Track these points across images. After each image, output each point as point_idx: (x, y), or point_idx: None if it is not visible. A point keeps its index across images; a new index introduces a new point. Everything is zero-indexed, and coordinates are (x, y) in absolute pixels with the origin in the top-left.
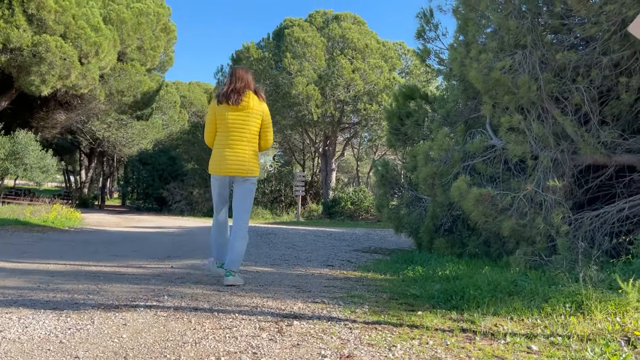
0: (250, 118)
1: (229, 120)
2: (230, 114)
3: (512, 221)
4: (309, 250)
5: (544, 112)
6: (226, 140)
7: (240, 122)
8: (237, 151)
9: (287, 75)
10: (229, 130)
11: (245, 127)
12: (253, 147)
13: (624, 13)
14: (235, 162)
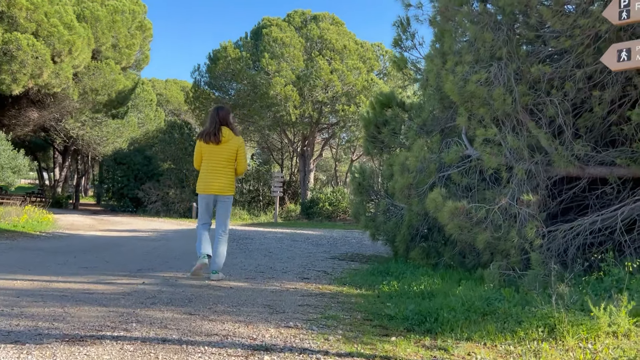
0: (226, 150)
1: (210, 152)
2: (211, 148)
3: (487, 234)
4: (284, 259)
5: (518, 124)
6: (209, 168)
7: (219, 153)
8: (218, 176)
9: (265, 75)
10: (211, 160)
11: (223, 158)
12: (230, 172)
13: (597, 27)
14: (216, 184)
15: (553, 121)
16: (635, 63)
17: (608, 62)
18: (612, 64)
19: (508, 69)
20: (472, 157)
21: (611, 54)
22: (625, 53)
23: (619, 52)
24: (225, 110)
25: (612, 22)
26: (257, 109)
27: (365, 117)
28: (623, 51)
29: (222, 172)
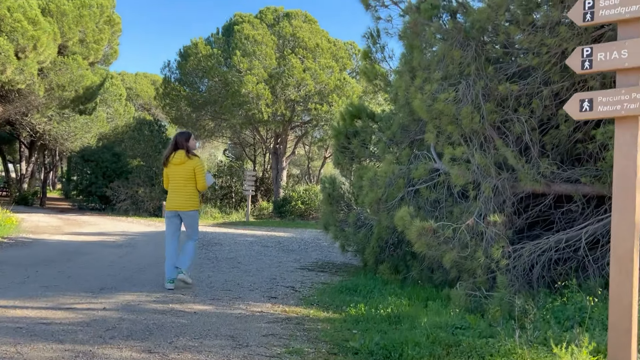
0: (184, 171)
1: (172, 174)
2: (172, 170)
3: (454, 253)
4: (253, 271)
5: (486, 141)
6: (172, 187)
7: (179, 174)
8: (179, 194)
9: (237, 73)
10: (173, 181)
11: (182, 178)
12: (190, 191)
13: (564, 46)
14: (178, 202)
15: (520, 138)
16: (597, 114)
17: (571, 111)
18: (575, 113)
19: (476, 86)
20: (441, 170)
21: (574, 104)
22: (587, 103)
23: (581, 102)
24: (184, 135)
25: (577, 23)
26: (229, 106)
27: (336, 127)
28: (585, 101)
29: (183, 191)
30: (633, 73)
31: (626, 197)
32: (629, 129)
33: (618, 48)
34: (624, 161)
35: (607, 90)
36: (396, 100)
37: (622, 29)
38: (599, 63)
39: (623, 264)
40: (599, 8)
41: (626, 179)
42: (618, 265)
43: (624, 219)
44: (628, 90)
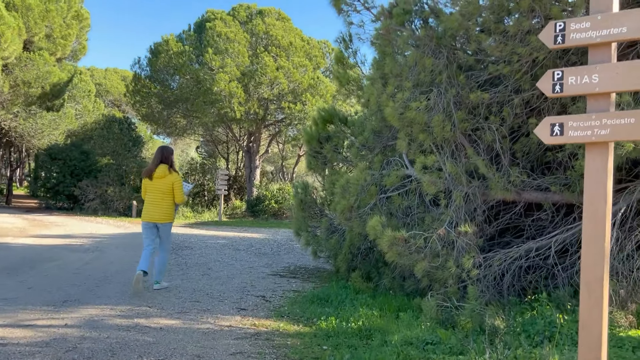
0: (163, 185)
1: (151, 186)
2: (152, 183)
3: (425, 263)
4: (224, 279)
5: (458, 150)
6: (150, 200)
7: (158, 188)
8: (157, 207)
9: (209, 71)
10: (151, 193)
11: (161, 191)
12: (168, 204)
13: (534, 55)
14: (156, 214)
15: (491, 147)
16: (568, 139)
17: (541, 135)
18: (546, 137)
19: (448, 95)
20: (413, 177)
21: (544, 128)
22: (558, 128)
23: (552, 127)
24: (169, 150)
25: (548, 45)
26: (201, 104)
27: (308, 132)
28: (556, 125)
29: (160, 204)
30: (603, 98)
31: (597, 224)
32: (599, 155)
33: (589, 72)
34: (595, 187)
35: (578, 115)
36: (368, 106)
37: (592, 53)
38: (569, 87)
39: (593, 291)
40: (570, 31)
41: (597, 206)
42: (588, 292)
43: (594, 245)
44: (599, 116)
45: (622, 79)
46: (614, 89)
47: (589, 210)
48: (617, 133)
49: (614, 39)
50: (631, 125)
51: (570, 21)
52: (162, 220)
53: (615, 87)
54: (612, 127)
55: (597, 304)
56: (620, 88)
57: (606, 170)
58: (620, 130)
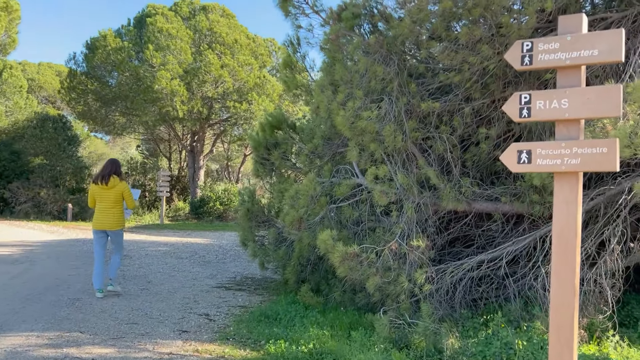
0: (114, 193)
1: (102, 195)
2: (102, 191)
3: (378, 278)
4: (164, 294)
5: (409, 160)
6: (101, 208)
7: (108, 196)
8: (108, 215)
9: (150, 68)
10: (102, 202)
11: (112, 199)
12: (118, 211)
13: (485, 64)
14: (107, 222)
15: (442, 156)
16: (536, 167)
17: (508, 162)
18: (513, 165)
19: (399, 103)
20: (364, 186)
21: (511, 155)
22: (525, 155)
23: (519, 154)
24: (118, 162)
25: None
26: (141, 103)
27: (255, 138)
28: (523, 153)
29: (112, 212)
30: (574, 125)
31: (567, 259)
32: (569, 185)
33: (558, 97)
34: (564, 220)
35: (547, 143)
36: (318, 113)
37: (562, 76)
38: (537, 112)
39: (562, 333)
40: (537, 52)
41: (567, 239)
42: (557, 335)
43: (564, 283)
44: (569, 144)
45: (593, 104)
46: (585, 115)
47: (559, 245)
48: (588, 163)
49: (584, 62)
50: (603, 155)
51: (539, 41)
52: (114, 227)
53: (586, 114)
54: (582, 157)
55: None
56: (591, 114)
57: (576, 201)
58: (592, 161)
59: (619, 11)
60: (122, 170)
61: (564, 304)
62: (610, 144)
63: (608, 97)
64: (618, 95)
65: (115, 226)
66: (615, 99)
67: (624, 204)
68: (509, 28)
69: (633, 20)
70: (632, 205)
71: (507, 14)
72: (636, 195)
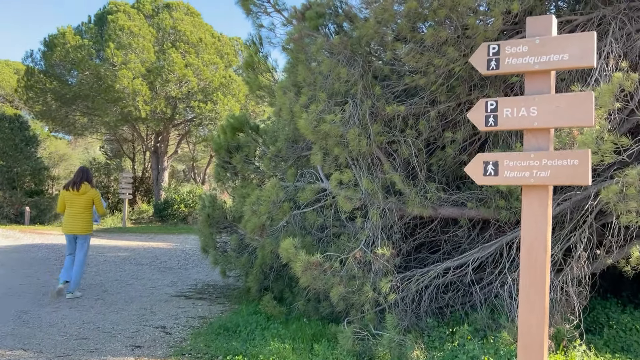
0: (84, 200)
1: (72, 201)
2: (73, 197)
3: (341, 287)
4: (120, 304)
5: (374, 164)
6: (71, 213)
7: (79, 202)
8: (77, 221)
9: (111, 67)
10: (72, 207)
11: (82, 205)
12: (87, 217)
13: (450, 66)
14: (76, 227)
15: (407, 161)
16: (504, 180)
17: (473, 174)
18: (478, 177)
19: (364, 106)
20: (329, 191)
21: (476, 166)
22: (492, 167)
23: (485, 165)
24: (89, 170)
25: (481, 71)
26: (102, 103)
27: (217, 141)
28: (490, 164)
29: (81, 217)
30: (543, 135)
31: (536, 275)
32: (538, 199)
33: (526, 104)
34: (534, 234)
35: (515, 153)
36: (280, 115)
37: (530, 82)
38: (505, 120)
39: (531, 354)
40: (505, 55)
41: (536, 255)
42: (525, 354)
43: (534, 302)
44: (538, 155)
45: (564, 113)
46: (555, 124)
47: (528, 259)
48: (558, 176)
49: (554, 67)
50: (574, 168)
51: (505, 44)
52: (83, 232)
53: (556, 122)
54: (553, 169)
55: None
56: (562, 123)
57: (546, 215)
58: (562, 173)
59: (584, 14)
60: (93, 177)
61: (533, 324)
62: (582, 156)
63: (580, 105)
64: (590, 103)
65: (84, 231)
66: (588, 106)
67: (590, 210)
68: (475, 30)
69: (598, 23)
70: (598, 210)
71: (473, 15)
72: (602, 200)
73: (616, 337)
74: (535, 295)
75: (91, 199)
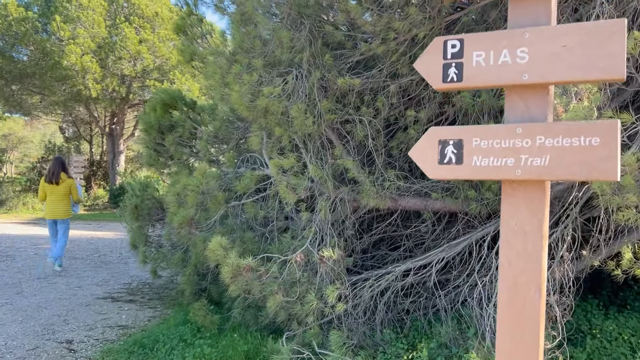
0: (62, 188)
1: (52, 189)
2: (52, 187)
3: (279, 297)
4: (29, 312)
5: (324, 148)
6: (51, 200)
7: (58, 191)
8: (57, 207)
9: (58, 42)
10: (52, 195)
11: (61, 193)
12: (66, 203)
13: (414, 31)
14: (55, 211)
15: (363, 144)
16: (472, 172)
17: (423, 162)
18: (431, 167)
19: (311, 78)
20: (273, 179)
21: (427, 148)
22: (452, 150)
23: (442, 147)
24: (64, 160)
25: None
26: (49, 81)
27: (146, 119)
28: (449, 146)
29: (60, 204)
30: (537, 96)
31: (523, 339)
32: (527, 201)
33: (511, 44)
34: (518, 267)
35: (491, 127)
36: (211, 88)
37: (517, 6)
38: (475, 72)
39: None
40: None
41: (522, 304)
42: None
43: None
44: (529, 130)
45: (573, 57)
46: (558, 77)
47: (508, 308)
48: (562, 165)
49: None
50: (592, 151)
51: None
52: (62, 217)
53: (559, 75)
54: (554, 154)
55: None
56: (569, 76)
57: (541, 232)
58: (570, 161)
59: None
60: (67, 166)
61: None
62: (606, 131)
63: (602, 44)
64: (621, 39)
65: (63, 216)
66: (617, 46)
67: (574, 202)
68: None
69: None
70: (584, 202)
71: None
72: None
73: (600, 349)
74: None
75: (68, 187)
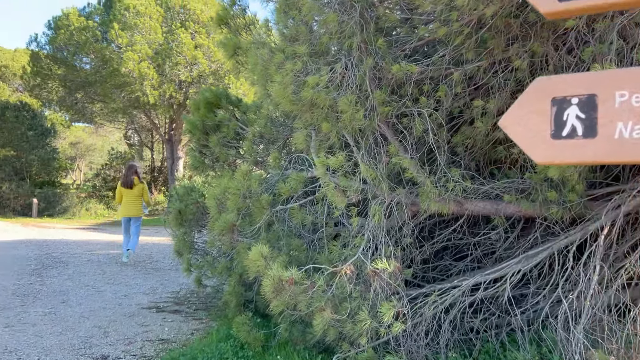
0: (136, 191)
1: (127, 192)
2: (127, 190)
3: (328, 314)
4: (70, 322)
5: (377, 145)
6: (126, 201)
7: (132, 193)
8: (131, 207)
9: (116, 49)
10: (127, 197)
11: (135, 195)
12: (139, 203)
13: (480, 10)
14: (130, 210)
15: (423, 139)
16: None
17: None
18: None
19: (362, 67)
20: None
21: (534, 115)
22: (579, 115)
23: (557, 111)
24: (137, 165)
25: None
26: (108, 88)
27: (190, 120)
28: (571, 106)
29: (134, 204)
30: None
31: None
32: None
33: None
34: None
35: None
36: (254, 82)
37: None
38: None
39: None
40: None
41: None
42: None
43: None
44: None
45: None
46: None
47: None
48: None
49: None
50: None
51: None
52: (135, 215)
53: None
54: None
55: None
56: None
57: None
58: None
59: None
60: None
61: None
62: None
63: None
64: None
65: (136, 214)
66: None
67: None
68: None
69: None
70: None
71: None
72: None
73: None
74: None
75: (141, 189)
